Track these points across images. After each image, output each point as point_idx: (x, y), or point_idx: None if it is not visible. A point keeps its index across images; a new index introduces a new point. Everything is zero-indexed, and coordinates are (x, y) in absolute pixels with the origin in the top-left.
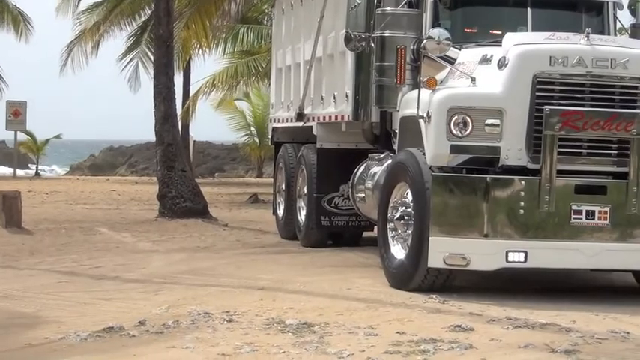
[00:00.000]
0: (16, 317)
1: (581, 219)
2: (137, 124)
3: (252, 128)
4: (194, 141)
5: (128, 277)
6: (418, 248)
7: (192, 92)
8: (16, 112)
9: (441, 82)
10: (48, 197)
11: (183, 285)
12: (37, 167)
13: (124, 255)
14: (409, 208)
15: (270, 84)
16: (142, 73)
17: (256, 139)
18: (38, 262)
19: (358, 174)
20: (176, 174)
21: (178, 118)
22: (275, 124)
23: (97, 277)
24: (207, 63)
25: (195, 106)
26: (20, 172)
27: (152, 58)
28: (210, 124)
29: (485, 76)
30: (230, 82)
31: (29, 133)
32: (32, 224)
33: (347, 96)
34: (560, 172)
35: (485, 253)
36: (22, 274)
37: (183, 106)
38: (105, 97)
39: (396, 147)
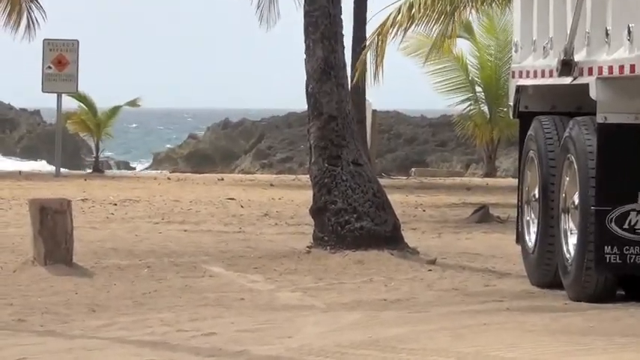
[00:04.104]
0: None
1: None
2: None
3: (477, 88)
4: (374, 111)
5: (263, 354)
6: None
7: (369, 32)
8: (61, 61)
9: None
10: (117, 210)
11: None
12: (96, 157)
13: (253, 314)
14: None
15: (512, 10)
16: None
17: (485, 108)
18: (103, 326)
19: None
20: (344, 170)
21: (348, 74)
22: (521, 81)
23: (206, 354)
24: None
25: (377, 54)
26: (65, 169)
27: None
28: (402, 85)
29: None
30: (439, 9)
31: (83, 98)
32: (90, 258)
33: None
34: None
35: None
36: (76, 345)
37: (354, 55)
38: (211, 41)
39: None
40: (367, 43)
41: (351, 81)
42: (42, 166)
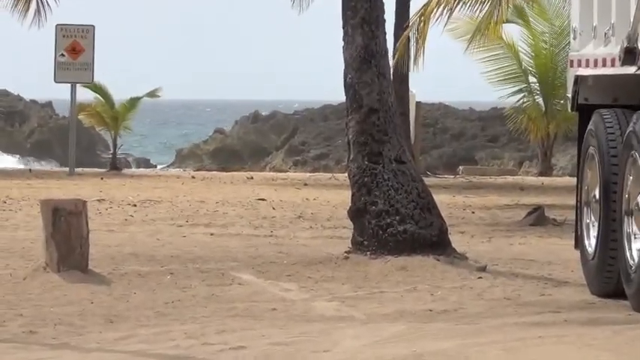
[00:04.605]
0: None
1: None
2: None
3: (531, 78)
4: (418, 103)
5: None
6: None
7: (412, 13)
8: (75, 48)
9: None
10: (137, 212)
11: None
12: (113, 154)
13: (286, 326)
14: None
15: None
16: None
17: (540, 100)
18: (121, 339)
19: None
20: (386, 168)
21: (390, 62)
22: (580, 71)
23: None
24: None
25: (419, 36)
26: (79, 167)
27: None
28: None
29: None
30: None
31: (99, 89)
32: (108, 264)
33: None
34: None
35: None
36: (91, 359)
37: (396, 42)
38: (235, 26)
39: None
40: (409, 24)
41: (392, 69)
42: (49, 164)
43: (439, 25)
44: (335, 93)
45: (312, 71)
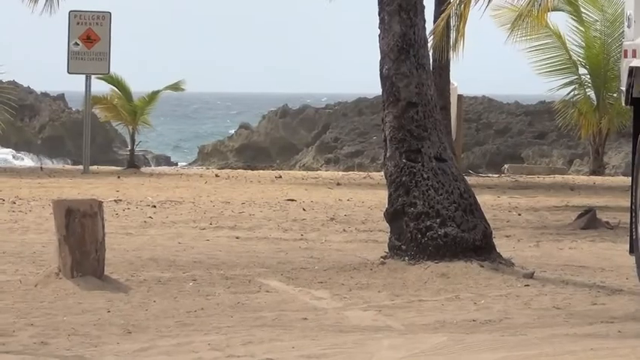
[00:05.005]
0: None
1: None
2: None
3: (581, 70)
4: (459, 96)
5: None
6: None
7: None
8: (90, 37)
9: None
10: (157, 214)
11: None
12: (131, 151)
13: (318, 336)
14: None
15: None
16: None
17: (591, 93)
18: (140, 350)
19: None
20: (426, 166)
21: (430, 51)
22: (634, 62)
23: None
24: None
25: (460, 19)
26: (93, 165)
27: None
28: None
29: None
30: None
31: (116, 81)
32: (125, 270)
33: None
34: None
35: None
36: None
37: (434, 25)
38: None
39: None
40: (448, 5)
41: (432, 60)
42: (59, 163)
43: (480, 9)
44: (370, 86)
45: (343, 62)
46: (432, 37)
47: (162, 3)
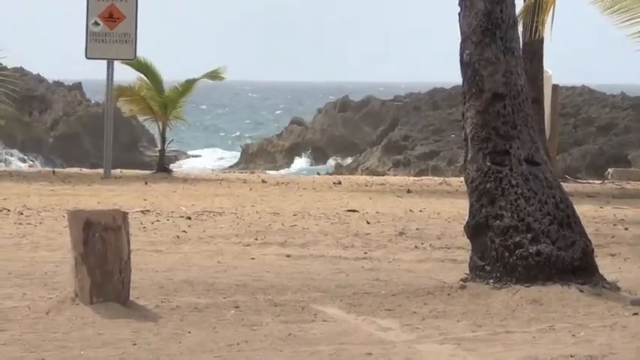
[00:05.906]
0: None
1: None
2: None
3: None
4: (554, 87)
5: None
6: None
7: None
8: (113, 15)
9: None
10: (192, 227)
11: None
12: (161, 151)
13: None
14: None
15: None
16: None
17: None
18: None
19: None
20: (514, 171)
21: (520, 35)
22: None
23: None
24: None
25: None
26: (116, 168)
27: None
28: (592, 50)
29: None
30: None
31: (145, 67)
32: (155, 295)
33: None
34: None
35: None
36: None
37: (525, 3)
38: None
39: None
40: None
41: (523, 42)
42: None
43: None
44: (447, 73)
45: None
46: (521, 16)
47: None
